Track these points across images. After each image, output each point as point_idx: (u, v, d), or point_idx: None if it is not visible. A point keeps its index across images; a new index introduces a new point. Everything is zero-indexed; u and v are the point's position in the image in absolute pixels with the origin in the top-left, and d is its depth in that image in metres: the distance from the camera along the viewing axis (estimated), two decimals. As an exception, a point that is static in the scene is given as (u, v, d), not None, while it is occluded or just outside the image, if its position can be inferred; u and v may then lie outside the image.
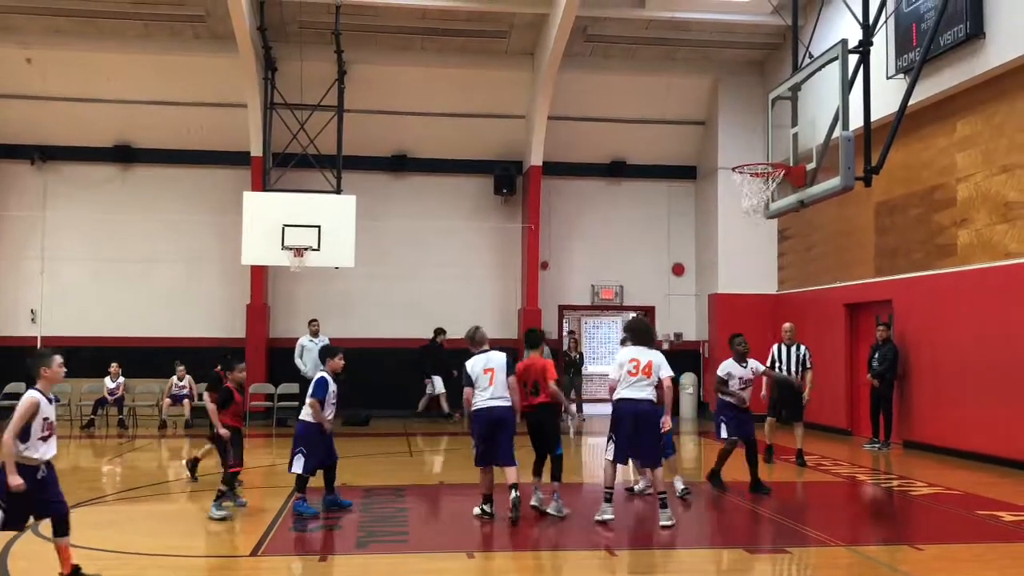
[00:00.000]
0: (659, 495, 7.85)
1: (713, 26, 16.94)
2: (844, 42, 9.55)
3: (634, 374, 7.78)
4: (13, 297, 17.80)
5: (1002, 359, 11.37)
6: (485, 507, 8.08)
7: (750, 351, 9.94)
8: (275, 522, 7.94)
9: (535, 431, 8.34)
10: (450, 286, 18.53)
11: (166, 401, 16.23)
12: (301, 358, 16.36)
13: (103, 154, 18.05)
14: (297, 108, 16.72)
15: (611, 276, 19.31)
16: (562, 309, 19.50)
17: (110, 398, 16.07)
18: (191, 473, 10.19)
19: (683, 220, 19.44)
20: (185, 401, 16.16)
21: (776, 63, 17.44)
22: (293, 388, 16.38)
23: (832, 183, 9.49)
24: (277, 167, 17.07)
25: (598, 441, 9.29)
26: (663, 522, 7.68)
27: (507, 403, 8.02)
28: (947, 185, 12.74)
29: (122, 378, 16.18)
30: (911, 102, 10.72)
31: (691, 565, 6.92)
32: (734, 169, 11.01)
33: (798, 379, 11.55)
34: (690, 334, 19.24)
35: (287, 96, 16.94)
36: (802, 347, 11.79)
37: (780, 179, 10.37)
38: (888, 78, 12.89)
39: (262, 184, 16.95)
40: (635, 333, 8.16)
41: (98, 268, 17.95)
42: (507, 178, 18.47)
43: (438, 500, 9.57)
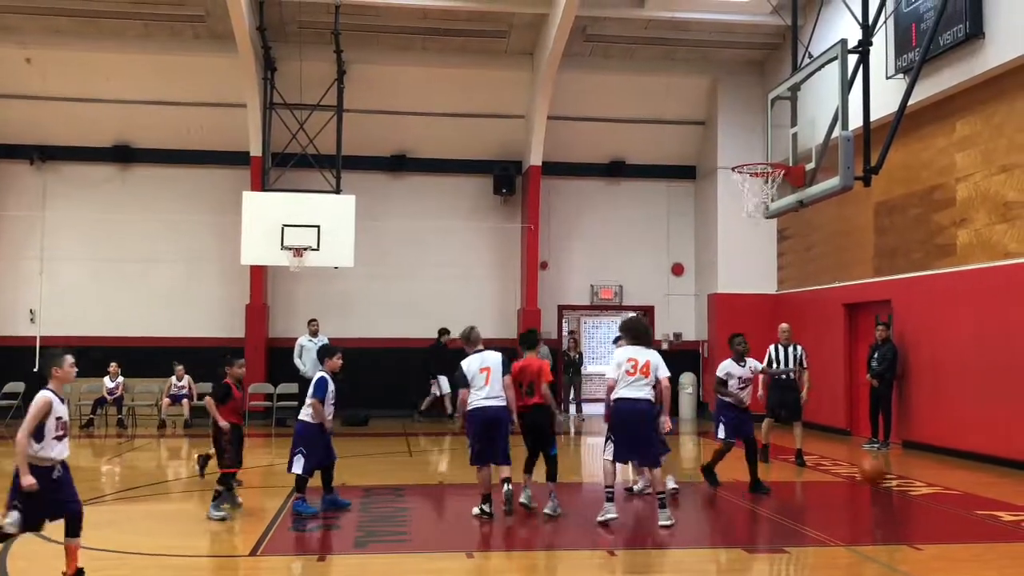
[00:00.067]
0: (658, 495, 7.85)
1: (712, 26, 16.94)
2: (843, 42, 9.56)
3: (632, 374, 7.77)
4: (12, 297, 17.79)
5: (1001, 359, 11.38)
6: (484, 507, 8.09)
7: (749, 351, 9.95)
8: (274, 522, 7.95)
9: (530, 431, 8.36)
10: (449, 286, 18.53)
11: (165, 401, 16.23)
12: (300, 358, 16.38)
13: (102, 154, 18.05)
14: (296, 108, 16.72)
15: (610, 276, 19.32)
16: (561, 309, 19.50)
17: (109, 398, 16.07)
18: (200, 470, 10.11)
19: (682, 220, 19.45)
20: (184, 401, 16.17)
21: (775, 63, 17.44)
22: (292, 388, 16.39)
23: (831, 183, 9.50)
24: (276, 167, 17.08)
25: (597, 441, 9.30)
26: (662, 522, 7.69)
27: (503, 402, 8.09)
28: (946, 185, 12.75)
29: (121, 378, 16.18)
30: (910, 102, 10.73)
31: (690, 565, 6.92)
32: (734, 169, 11.02)
33: (794, 374, 11.59)
34: (689, 334, 19.25)
35: (286, 96, 16.94)
36: (798, 347, 11.80)
37: (779, 179, 10.37)
38: (887, 78, 12.90)
39: (261, 184, 16.94)
40: (632, 332, 8.15)
41: (97, 268, 17.94)
42: (506, 178, 18.46)
43: (437, 500, 9.57)
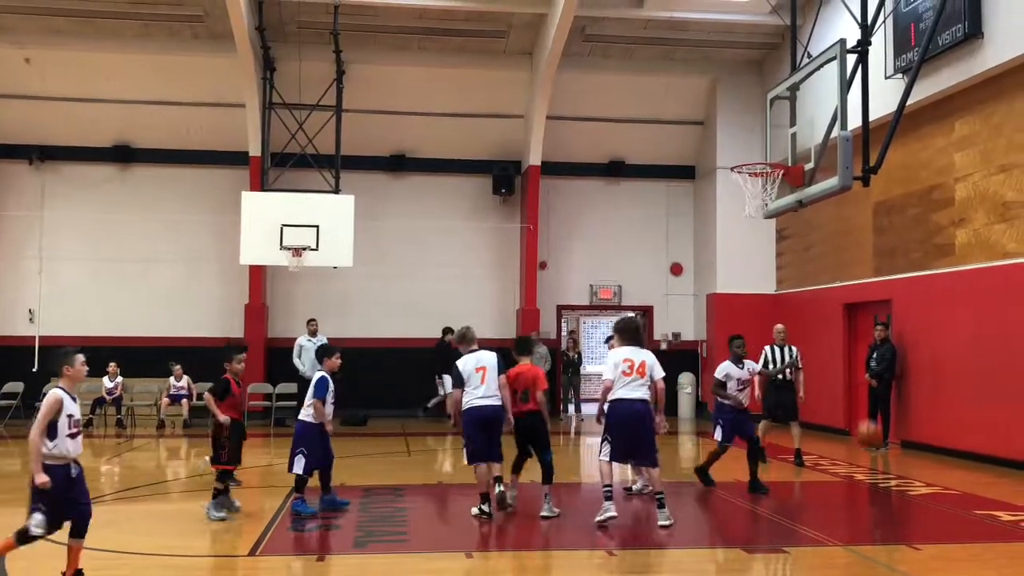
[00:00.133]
0: (656, 495, 7.86)
1: (712, 26, 16.94)
2: (842, 42, 9.56)
3: (628, 374, 7.77)
4: (11, 297, 17.79)
5: (1000, 359, 11.38)
6: (483, 507, 8.10)
7: (748, 354, 10.00)
8: (273, 522, 7.94)
9: (525, 435, 8.39)
10: (449, 286, 18.53)
11: (164, 401, 16.22)
12: (299, 358, 16.37)
13: (102, 154, 18.04)
14: (296, 108, 16.72)
15: (609, 276, 19.32)
16: (560, 309, 19.50)
17: (108, 398, 16.07)
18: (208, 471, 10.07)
19: (681, 220, 19.45)
20: (183, 401, 16.15)
21: (774, 63, 17.44)
22: (291, 388, 16.39)
23: (830, 183, 9.51)
24: (276, 167, 17.08)
25: (596, 441, 9.29)
26: (661, 521, 7.69)
27: (499, 402, 8.16)
28: (945, 185, 12.75)
29: (120, 378, 16.18)
30: (909, 102, 10.74)
31: (689, 565, 6.92)
32: (733, 169, 11.03)
33: (790, 374, 11.64)
34: (688, 334, 19.25)
35: (286, 96, 16.94)
36: (794, 348, 11.84)
37: (779, 179, 10.38)
38: (886, 78, 12.90)
39: (260, 184, 16.94)
40: (626, 333, 8.13)
41: (96, 268, 17.94)
42: (506, 178, 18.46)
43: (436, 500, 9.56)
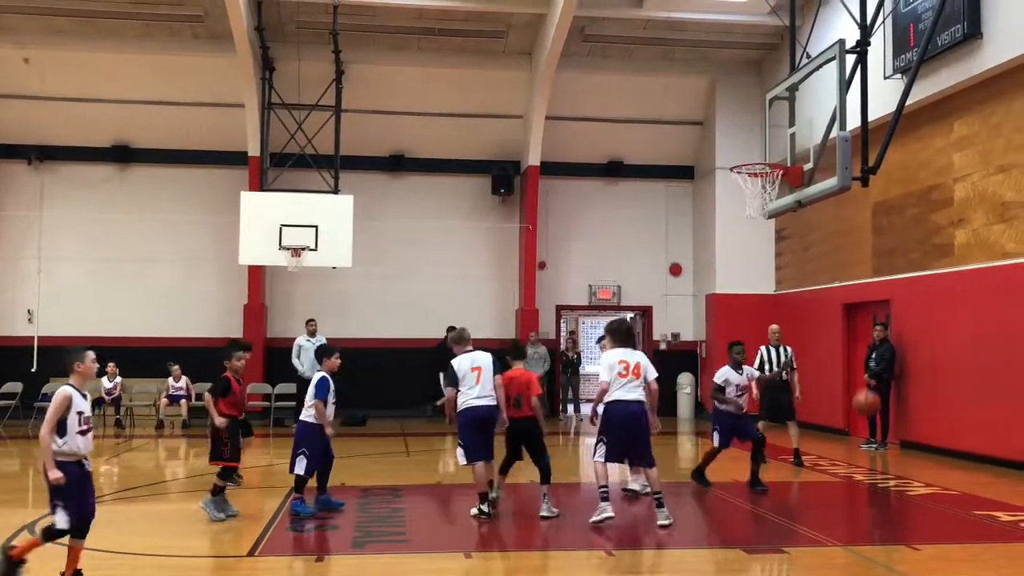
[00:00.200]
0: (655, 495, 7.87)
1: (711, 26, 16.94)
2: (842, 42, 9.57)
3: (624, 376, 7.81)
4: (10, 297, 17.78)
5: (999, 359, 11.38)
6: (482, 507, 8.10)
7: (747, 360, 10.04)
8: (272, 522, 7.94)
9: (519, 439, 8.39)
10: (448, 286, 18.53)
11: (163, 401, 16.21)
12: (298, 358, 16.34)
13: (101, 154, 18.03)
14: (295, 108, 16.71)
15: (609, 276, 19.32)
16: (560, 309, 19.50)
17: (107, 398, 16.05)
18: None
19: (681, 220, 19.44)
20: (182, 401, 16.14)
21: (773, 63, 17.44)
22: (290, 388, 16.38)
23: (829, 183, 9.51)
24: (275, 167, 17.07)
25: (594, 441, 9.35)
26: (661, 521, 7.70)
27: (493, 401, 8.22)
28: (944, 185, 12.75)
29: (119, 378, 16.17)
30: (908, 102, 10.75)
31: (688, 565, 6.92)
32: (732, 169, 11.03)
33: (786, 375, 11.68)
34: (687, 334, 19.25)
35: (285, 96, 16.93)
36: (788, 348, 11.90)
37: (778, 179, 10.37)
38: (885, 78, 12.90)
39: (259, 184, 16.93)
40: (618, 334, 8.18)
41: (95, 268, 17.93)
42: (505, 178, 18.46)
43: (435, 500, 9.56)
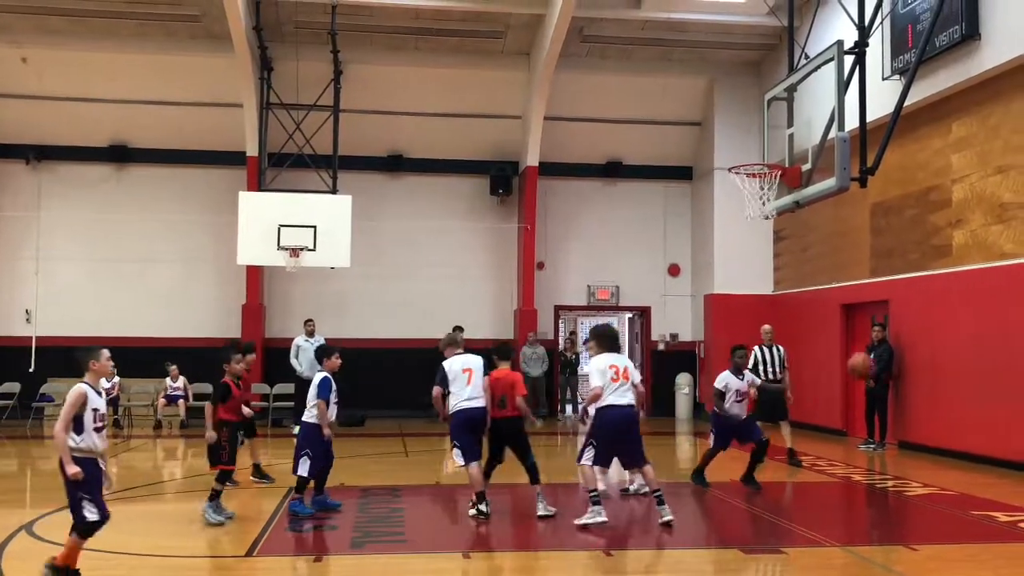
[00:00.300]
0: (654, 492, 7.90)
1: (709, 27, 16.94)
2: (840, 43, 9.57)
3: (616, 380, 7.88)
4: (8, 297, 17.75)
5: (998, 359, 11.39)
6: (481, 507, 8.10)
7: (748, 364, 10.08)
8: (271, 522, 7.94)
9: (503, 438, 8.45)
10: (446, 286, 18.52)
11: (161, 401, 16.19)
12: (297, 358, 16.30)
13: (98, 154, 18.00)
14: (293, 108, 16.70)
15: (607, 276, 19.31)
16: (558, 309, 19.50)
17: (105, 398, 15.99)
18: (262, 477, 10.07)
19: (679, 221, 19.44)
20: (180, 401, 16.12)
21: (772, 64, 17.45)
22: (288, 388, 16.37)
23: (828, 184, 9.51)
24: (273, 167, 17.06)
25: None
26: (665, 517, 7.75)
27: (483, 403, 8.31)
28: (942, 186, 12.76)
29: (117, 378, 16.14)
30: (907, 103, 10.76)
31: (687, 565, 6.93)
32: (730, 170, 11.03)
33: (780, 376, 11.70)
34: (686, 335, 19.25)
35: (283, 96, 16.92)
36: (781, 348, 11.97)
37: (776, 180, 10.38)
38: (884, 79, 12.91)
39: (258, 184, 16.91)
40: (604, 339, 8.22)
41: (93, 268, 17.90)
42: (503, 178, 18.45)
43: (434, 500, 9.55)
